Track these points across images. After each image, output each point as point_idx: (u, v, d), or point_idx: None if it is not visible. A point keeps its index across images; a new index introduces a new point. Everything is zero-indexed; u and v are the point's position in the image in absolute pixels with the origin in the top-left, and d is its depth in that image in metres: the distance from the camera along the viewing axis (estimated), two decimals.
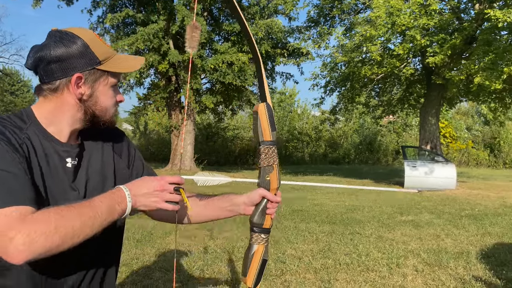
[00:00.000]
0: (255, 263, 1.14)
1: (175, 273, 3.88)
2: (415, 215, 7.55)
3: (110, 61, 1.11)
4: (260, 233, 1.16)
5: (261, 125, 1.15)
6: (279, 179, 1.18)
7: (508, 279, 3.88)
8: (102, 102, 1.12)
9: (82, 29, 1.13)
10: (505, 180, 16.58)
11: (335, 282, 3.80)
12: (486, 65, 10.96)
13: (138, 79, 16.70)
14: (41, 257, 0.91)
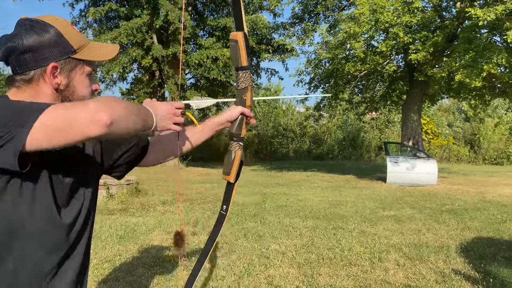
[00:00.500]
0: (236, 164, 1.44)
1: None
2: (397, 210, 7.66)
3: (85, 49, 1.10)
4: (238, 141, 1.43)
5: (239, 52, 1.31)
6: (251, 98, 1.44)
7: (486, 272, 3.97)
8: (79, 92, 1.10)
9: (53, 17, 1.10)
10: (484, 175, 16.93)
11: (318, 276, 3.83)
12: (466, 63, 11.13)
13: (121, 74, 16.47)
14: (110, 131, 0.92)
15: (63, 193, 1.10)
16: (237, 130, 1.43)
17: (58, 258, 1.10)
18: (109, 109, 0.91)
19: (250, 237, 5.28)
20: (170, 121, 1.18)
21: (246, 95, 1.41)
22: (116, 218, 6.33)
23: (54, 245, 1.08)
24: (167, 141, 1.44)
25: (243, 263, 4.18)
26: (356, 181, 13.24)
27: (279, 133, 30.38)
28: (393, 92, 17.53)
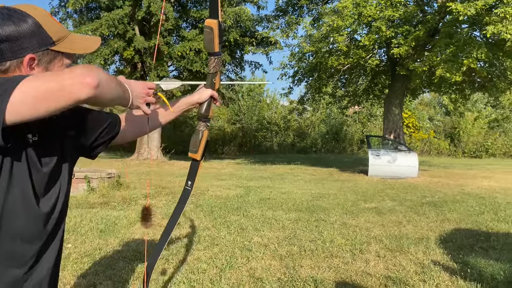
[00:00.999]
0: (203, 143, 1.54)
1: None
2: (378, 202, 7.74)
3: (65, 41, 1.06)
4: (206, 122, 1.54)
5: (213, 39, 1.39)
6: (219, 82, 1.56)
7: (465, 263, 4.04)
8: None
9: (31, 6, 1.05)
10: (463, 168, 17.26)
11: (299, 268, 3.85)
12: (447, 57, 11.28)
13: (102, 65, 16.16)
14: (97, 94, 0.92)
15: (41, 182, 1.09)
16: (206, 112, 1.52)
17: (37, 246, 1.10)
18: (95, 73, 0.92)
19: (232, 230, 5.27)
20: (142, 100, 1.18)
21: (215, 78, 1.51)
22: (96, 211, 6.24)
23: (33, 234, 1.08)
24: (137, 118, 1.45)
25: (225, 256, 4.16)
26: (338, 174, 13.34)
27: (263, 126, 30.42)
28: (376, 86, 17.68)
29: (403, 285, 3.44)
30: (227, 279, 3.54)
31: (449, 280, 3.57)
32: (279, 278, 3.57)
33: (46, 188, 1.11)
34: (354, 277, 3.65)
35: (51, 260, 1.16)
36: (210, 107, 1.54)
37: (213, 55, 1.45)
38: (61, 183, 1.17)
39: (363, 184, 10.68)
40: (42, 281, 1.13)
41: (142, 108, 1.19)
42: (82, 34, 1.47)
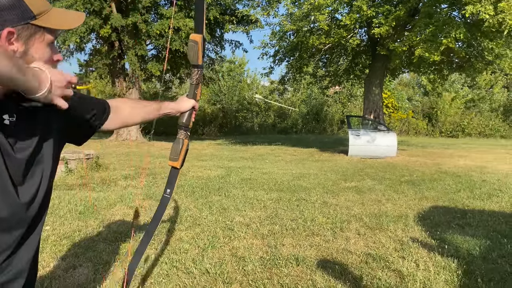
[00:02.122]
0: (183, 152, 1.59)
1: None
2: (358, 182, 7.85)
3: (46, 15, 1.00)
4: (186, 131, 1.60)
5: (197, 52, 1.48)
6: (200, 92, 1.64)
7: (442, 239, 4.14)
8: (38, 61, 1.00)
9: None
10: (440, 147, 17.63)
11: (281, 247, 3.88)
12: (426, 37, 11.36)
13: (78, 44, 15.71)
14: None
15: (18, 170, 1.02)
16: (187, 121, 1.59)
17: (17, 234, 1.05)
18: None
19: (214, 210, 5.27)
20: (60, 92, 1.03)
21: (197, 90, 1.59)
22: (75, 193, 6.14)
23: (11, 224, 1.03)
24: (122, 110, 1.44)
25: (207, 236, 4.16)
26: (319, 154, 13.45)
27: (244, 107, 30.29)
28: (356, 66, 17.74)
29: (383, 262, 3.51)
30: (210, 258, 3.54)
31: (427, 256, 3.66)
32: (261, 257, 3.60)
33: (25, 176, 1.05)
34: (335, 254, 3.70)
35: (33, 247, 1.12)
36: (191, 117, 1.59)
37: (196, 67, 1.52)
38: (44, 169, 1.11)
39: (343, 164, 10.79)
40: (22, 269, 1.09)
41: (57, 102, 1.03)
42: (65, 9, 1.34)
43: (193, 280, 3.10)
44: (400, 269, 3.34)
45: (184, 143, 1.58)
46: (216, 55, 19.95)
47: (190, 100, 1.58)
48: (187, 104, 1.58)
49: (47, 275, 3.09)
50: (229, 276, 3.17)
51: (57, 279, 3.06)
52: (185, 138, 1.60)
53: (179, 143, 1.57)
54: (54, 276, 3.11)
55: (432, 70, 16.09)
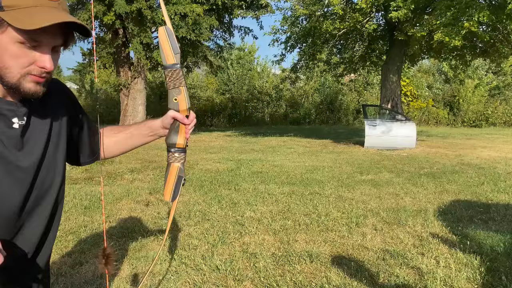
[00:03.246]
0: (171, 179, 1.29)
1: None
2: (375, 174, 7.82)
3: (18, 11, 0.91)
4: (174, 152, 1.30)
5: (163, 49, 1.23)
6: (187, 101, 1.28)
7: (464, 235, 4.12)
8: (1, 57, 0.94)
9: None
10: (463, 138, 17.44)
11: (294, 243, 3.90)
12: (447, 21, 11.18)
13: None
14: None
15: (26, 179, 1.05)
16: (172, 139, 1.30)
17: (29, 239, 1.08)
18: None
19: (224, 205, 5.30)
20: None
21: (178, 97, 1.26)
22: (80, 187, 6.22)
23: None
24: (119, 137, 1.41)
25: (217, 231, 4.20)
26: (333, 146, 13.41)
27: (254, 96, 30.21)
28: (373, 53, 17.55)
29: (401, 259, 3.50)
30: (220, 255, 3.57)
31: (448, 252, 3.65)
32: (273, 253, 3.62)
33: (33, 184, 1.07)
34: (351, 251, 3.71)
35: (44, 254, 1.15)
36: (178, 134, 1.30)
37: (167, 68, 1.24)
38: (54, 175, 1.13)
39: (359, 156, 10.75)
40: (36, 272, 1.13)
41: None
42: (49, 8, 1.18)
43: (203, 277, 3.14)
44: (419, 266, 3.34)
45: (171, 168, 1.29)
46: (225, 42, 19.90)
47: (168, 112, 1.30)
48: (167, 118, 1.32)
49: (53, 271, 3.15)
50: (240, 273, 3.20)
51: (63, 276, 3.12)
52: (174, 162, 1.30)
53: (167, 169, 1.30)
54: (60, 272, 3.17)
55: (453, 56, 15.85)
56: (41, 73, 0.98)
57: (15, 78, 0.96)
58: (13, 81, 0.96)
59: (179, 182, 1.30)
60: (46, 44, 0.97)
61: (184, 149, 1.31)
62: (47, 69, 0.98)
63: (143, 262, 3.37)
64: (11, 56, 0.94)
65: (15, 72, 0.96)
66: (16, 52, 0.94)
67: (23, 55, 0.95)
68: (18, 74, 0.96)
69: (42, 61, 0.97)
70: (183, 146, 1.31)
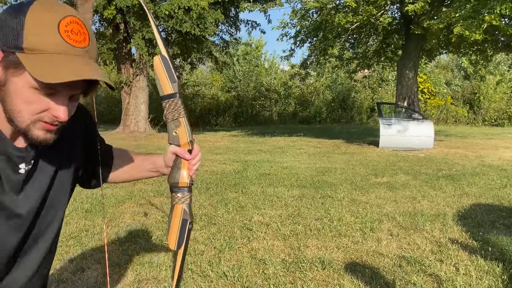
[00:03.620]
0: (175, 224, 1.20)
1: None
2: (390, 177, 7.81)
3: (38, 57, 0.89)
4: (176, 192, 1.22)
5: (159, 79, 1.18)
6: (189, 133, 1.21)
7: (485, 241, 4.11)
8: (13, 101, 0.92)
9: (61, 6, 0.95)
10: (483, 138, 17.34)
11: (305, 248, 3.91)
12: (467, 13, 11.14)
13: None
14: None
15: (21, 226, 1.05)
16: (174, 178, 1.23)
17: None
18: None
19: (231, 208, 5.33)
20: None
21: (178, 129, 1.20)
22: (80, 190, 6.25)
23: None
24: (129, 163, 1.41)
25: (224, 236, 4.23)
26: (346, 146, 13.39)
27: (261, 94, 30.24)
28: (388, 47, 17.52)
29: (418, 265, 3.51)
30: (227, 260, 3.60)
31: (468, 259, 3.65)
32: (283, 259, 3.64)
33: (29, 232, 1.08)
34: (365, 257, 3.72)
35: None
36: (180, 171, 1.23)
37: (164, 98, 1.20)
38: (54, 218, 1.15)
39: (373, 157, 10.74)
40: None
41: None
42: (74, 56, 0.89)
43: (210, 284, 3.17)
44: (438, 274, 3.34)
45: (175, 210, 1.22)
46: (231, 37, 19.98)
47: (169, 148, 1.24)
48: (168, 155, 1.26)
49: (54, 278, 3.20)
50: (248, 280, 3.22)
51: (65, 282, 3.17)
52: (177, 203, 1.22)
53: (170, 211, 1.23)
54: (61, 279, 3.22)
55: (474, 51, 15.78)
56: (53, 121, 0.95)
57: (24, 123, 0.94)
58: (23, 126, 0.94)
59: (184, 226, 1.22)
60: (63, 94, 0.94)
61: (189, 188, 1.25)
62: (60, 120, 0.95)
63: (147, 268, 3.41)
64: (23, 101, 0.92)
65: (25, 117, 0.93)
66: (29, 97, 0.92)
67: (37, 101, 0.92)
68: (28, 120, 0.93)
69: (56, 110, 0.94)
70: (187, 184, 1.24)
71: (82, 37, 0.95)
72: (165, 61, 1.18)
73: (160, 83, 1.18)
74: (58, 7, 0.94)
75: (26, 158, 1.02)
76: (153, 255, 3.71)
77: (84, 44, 0.95)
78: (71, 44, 0.92)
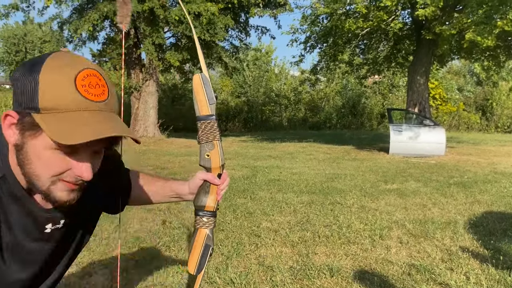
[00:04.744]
0: (197, 248, 1.18)
1: None
2: (401, 183, 7.76)
3: (56, 116, 0.84)
4: (202, 216, 1.19)
5: (197, 99, 1.16)
6: (221, 157, 1.18)
7: (496, 249, 4.07)
8: (31, 164, 0.88)
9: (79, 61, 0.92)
10: (496, 145, 17.17)
11: (313, 255, 3.90)
12: (479, 19, 11.08)
13: (91, 32, 16.11)
14: None
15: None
16: (201, 201, 1.19)
17: None
18: None
19: (239, 214, 5.33)
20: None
21: (211, 152, 1.16)
22: None
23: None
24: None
25: (231, 242, 4.22)
26: (356, 152, 13.34)
27: (271, 99, 30.28)
28: (398, 53, 17.46)
29: (428, 274, 3.48)
30: (234, 267, 3.60)
31: (479, 268, 3.61)
32: (291, 267, 3.63)
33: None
34: (374, 265, 3.69)
35: None
36: (208, 195, 1.20)
37: (200, 119, 1.17)
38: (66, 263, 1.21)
39: (383, 163, 10.68)
40: None
41: None
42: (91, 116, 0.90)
43: None
44: (448, 282, 3.31)
45: (198, 234, 1.19)
46: (241, 43, 20.04)
47: (197, 175, 1.21)
48: (196, 182, 1.23)
49: (61, 281, 3.22)
50: (255, 287, 3.21)
51: (72, 287, 3.19)
52: (201, 227, 1.19)
53: (193, 235, 1.20)
54: (68, 283, 3.24)
55: (486, 56, 15.67)
56: (76, 180, 0.91)
57: (45, 186, 0.90)
58: (43, 189, 0.90)
59: (206, 251, 1.18)
60: (85, 150, 0.90)
61: (214, 212, 1.22)
62: (85, 179, 0.91)
63: (155, 275, 3.42)
64: (43, 163, 0.88)
65: (44, 179, 0.89)
66: (49, 159, 0.88)
67: (57, 162, 0.88)
68: (49, 181, 0.90)
69: (79, 170, 0.90)
70: (213, 209, 1.21)
71: (100, 90, 0.90)
72: (205, 81, 1.17)
73: (197, 103, 1.16)
74: (73, 60, 0.90)
75: (53, 219, 1.03)
76: (161, 261, 3.72)
77: (103, 97, 0.91)
78: (90, 99, 0.87)
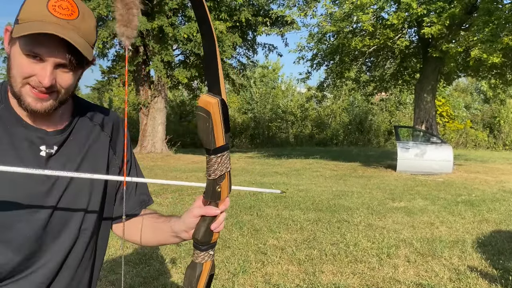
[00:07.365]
0: (203, 279, 1.10)
1: None
2: (408, 201, 7.71)
3: (24, 24, 0.98)
4: (208, 250, 1.10)
5: (213, 129, 0.96)
6: (229, 186, 1.09)
7: (505, 269, 4.02)
8: (12, 68, 1.03)
9: None
10: (504, 163, 17.04)
11: (320, 274, 3.87)
12: (485, 37, 11.10)
13: (101, 49, 16.33)
14: None
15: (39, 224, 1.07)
16: (206, 237, 1.10)
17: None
18: None
19: (245, 231, 5.32)
20: None
21: (222, 183, 1.06)
22: None
23: None
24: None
25: (238, 260, 4.21)
26: (363, 170, 13.29)
27: (278, 116, 30.37)
28: (405, 70, 17.51)
29: None
30: (241, 285, 3.58)
31: (487, 287, 3.57)
32: (297, 285, 3.61)
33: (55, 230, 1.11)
34: (381, 284, 3.66)
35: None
36: (207, 230, 1.10)
37: (215, 152, 0.99)
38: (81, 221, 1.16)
39: (390, 181, 10.63)
40: None
41: None
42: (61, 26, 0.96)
43: None
44: None
45: (204, 268, 1.10)
46: (248, 60, 20.20)
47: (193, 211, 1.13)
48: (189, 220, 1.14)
49: None
50: None
51: None
52: (207, 260, 1.11)
53: (195, 268, 1.10)
54: None
55: (493, 74, 15.67)
56: (38, 85, 1.01)
57: (17, 87, 1.03)
58: (16, 89, 1.03)
59: (210, 281, 1.13)
60: (47, 60, 1.00)
61: (215, 243, 1.13)
62: (43, 84, 1.00)
63: None
64: (16, 66, 1.02)
65: (17, 80, 1.02)
66: (21, 62, 1.01)
67: (26, 66, 1.01)
68: (20, 83, 1.02)
69: (41, 75, 1.00)
70: (217, 239, 1.14)
71: (69, 12, 1.01)
72: (224, 108, 0.97)
73: (214, 132, 0.96)
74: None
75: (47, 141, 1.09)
76: (166, 277, 3.71)
77: (69, 17, 1.01)
78: (54, 15, 0.99)
